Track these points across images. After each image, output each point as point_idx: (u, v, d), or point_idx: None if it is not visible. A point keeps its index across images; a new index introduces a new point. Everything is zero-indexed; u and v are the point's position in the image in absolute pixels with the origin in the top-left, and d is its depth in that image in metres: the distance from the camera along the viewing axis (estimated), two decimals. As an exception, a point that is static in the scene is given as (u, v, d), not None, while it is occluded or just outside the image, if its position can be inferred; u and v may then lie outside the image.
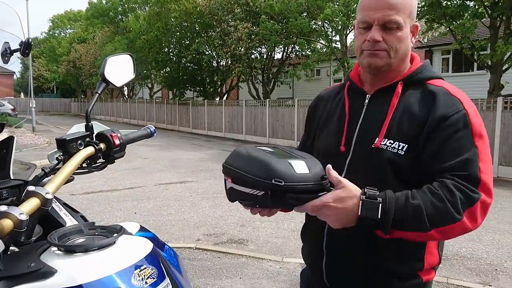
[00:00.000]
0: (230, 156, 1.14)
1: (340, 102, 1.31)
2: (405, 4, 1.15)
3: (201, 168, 9.91)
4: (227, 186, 1.11)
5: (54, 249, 0.95)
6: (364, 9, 1.17)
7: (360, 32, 1.19)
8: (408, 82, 1.20)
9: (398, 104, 1.17)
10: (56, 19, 51.18)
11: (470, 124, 1.09)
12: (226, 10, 17.94)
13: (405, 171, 1.12)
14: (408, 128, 1.13)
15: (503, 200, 6.85)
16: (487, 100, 9.71)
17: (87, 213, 5.83)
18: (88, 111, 1.24)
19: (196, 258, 4.22)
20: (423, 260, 1.17)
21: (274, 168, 1.01)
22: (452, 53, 17.59)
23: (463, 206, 1.00)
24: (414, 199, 1.01)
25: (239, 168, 1.06)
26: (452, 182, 1.03)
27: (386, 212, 0.99)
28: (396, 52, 1.16)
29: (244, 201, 1.08)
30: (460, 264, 4.14)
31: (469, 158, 1.05)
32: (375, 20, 1.14)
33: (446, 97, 1.13)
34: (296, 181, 1.01)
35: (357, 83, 1.29)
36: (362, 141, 1.19)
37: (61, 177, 1.05)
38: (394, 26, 1.14)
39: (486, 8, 10.63)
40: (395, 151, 1.12)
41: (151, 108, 26.55)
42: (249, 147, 1.13)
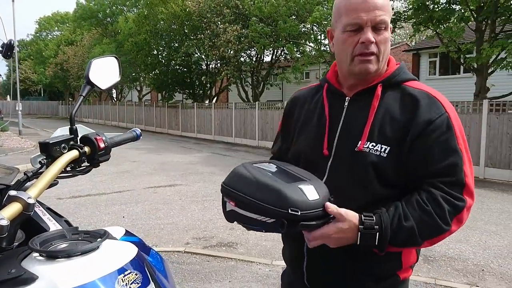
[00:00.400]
0: (231, 178, 1.10)
1: (318, 104, 1.30)
2: (389, 6, 1.16)
3: (191, 171, 9.87)
4: (227, 208, 1.08)
5: (35, 254, 0.93)
6: (352, 11, 1.13)
7: (349, 35, 1.15)
8: (387, 84, 1.20)
9: (379, 107, 1.17)
10: (43, 21, 50.62)
11: (452, 126, 1.12)
12: (215, 13, 17.93)
13: (388, 174, 1.13)
14: (391, 131, 1.14)
15: (489, 202, 6.94)
16: (473, 102, 9.85)
17: (74, 217, 5.73)
18: (72, 114, 1.22)
19: (185, 262, 4.19)
20: (400, 260, 1.19)
21: (289, 197, 0.99)
22: (439, 56, 17.80)
23: (451, 216, 1.08)
24: (407, 220, 1.07)
25: (248, 194, 1.03)
26: (441, 193, 1.08)
27: (383, 238, 1.06)
28: (383, 55, 1.17)
29: (247, 224, 1.06)
30: (447, 265, 4.17)
31: (455, 162, 1.09)
32: (367, 21, 1.12)
33: (428, 100, 1.15)
34: (310, 209, 1.01)
35: (335, 85, 1.28)
36: (343, 144, 1.19)
37: (44, 181, 1.03)
38: (383, 26, 1.14)
39: (472, 12, 10.79)
40: (378, 153, 1.13)
41: (140, 111, 26.39)
42: (250, 168, 1.10)
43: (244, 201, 1.03)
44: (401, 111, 1.15)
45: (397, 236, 1.07)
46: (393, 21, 12.19)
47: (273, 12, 15.03)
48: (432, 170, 1.09)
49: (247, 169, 1.09)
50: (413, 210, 1.08)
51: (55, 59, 39.28)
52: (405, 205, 1.09)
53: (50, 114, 46.19)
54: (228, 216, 1.10)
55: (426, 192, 1.09)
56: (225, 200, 1.09)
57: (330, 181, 1.17)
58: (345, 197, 1.10)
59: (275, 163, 1.18)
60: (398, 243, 1.08)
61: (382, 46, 1.15)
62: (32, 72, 48.85)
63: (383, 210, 1.09)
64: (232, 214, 1.07)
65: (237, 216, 1.07)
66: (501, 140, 8.98)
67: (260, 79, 19.80)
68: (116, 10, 30.67)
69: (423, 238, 1.08)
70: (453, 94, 15.70)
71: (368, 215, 1.07)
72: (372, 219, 1.06)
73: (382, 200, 1.13)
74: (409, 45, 22.72)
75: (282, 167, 1.15)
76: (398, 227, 1.06)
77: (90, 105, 34.83)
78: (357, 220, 1.06)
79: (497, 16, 10.47)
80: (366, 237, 1.06)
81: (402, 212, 1.08)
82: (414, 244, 1.09)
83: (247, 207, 1.03)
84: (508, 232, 5.25)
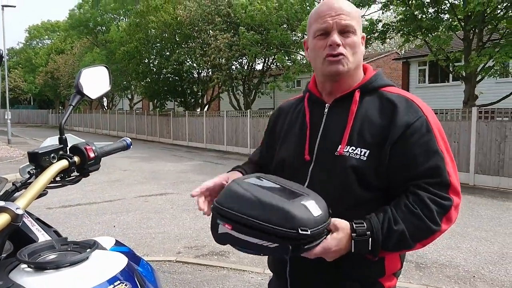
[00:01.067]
0: (226, 198, 1.02)
1: (300, 113, 1.34)
2: (355, 14, 1.22)
3: (182, 180, 9.82)
4: (219, 230, 1.00)
5: (24, 266, 0.92)
6: (319, 18, 1.21)
7: (319, 39, 1.21)
8: (364, 89, 1.24)
9: (357, 111, 1.21)
10: (33, 29, 50.37)
11: (431, 129, 1.15)
12: (206, 21, 18.00)
13: (368, 177, 1.15)
14: (369, 135, 1.17)
15: (479, 208, 7.00)
16: (462, 110, 9.97)
17: (64, 227, 5.66)
18: (62, 124, 1.21)
19: (176, 272, 4.15)
20: (383, 265, 1.20)
21: (297, 216, 0.94)
22: (428, 65, 18.04)
23: (440, 216, 1.10)
24: (397, 223, 1.09)
25: (250, 216, 0.95)
26: (427, 195, 1.10)
27: (375, 243, 1.08)
28: (353, 57, 1.21)
29: (244, 248, 1.00)
30: (439, 272, 4.19)
31: (438, 164, 1.12)
32: (333, 25, 1.18)
33: (406, 104, 1.18)
34: (316, 226, 0.97)
35: (316, 94, 1.32)
36: (324, 149, 1.22)
37: (33, 192, 1.02)
38: (350, 30, 1.19)
39: (460, 21, 10.97)
40: (358, 157, 1.16)
41: (131, 120, 26.28)
42: (245, 185, 1.03)
43: (245, 224, 0.96)
44: (380, 115, 1.18)
45: (388, 240, 1.08)
46: (382, 32, 12.45)
47: (264, 20, 15.14)
48: (416, 173, 1.12)
49: (243, 187, 1.03)
50: (402, 213, 1.10)
51: (45, 67, 39.08)
52: (394, 208, 1.11)
53: (40, 123, 45.77)
54: (220, 239, 1.02)
55: (412, 194, 1.11)
56: (218, 222, 1.01)
57: (311, 186, 1.19)
58: (327, 201, 1.11)
59: (264, 177, 1.13)
60: (390, 247, 1.10)
61: (350, 49, 1.20)
62: (22, 80, 48.47)
63: (372, 215, 1.11)
64: (226, 237, 1.00)
65: (231, 239, 0.99)
66: (490, 147, 9.09)
67: (251, 87, 19.86)
68: (107, 19, 30.67)
69: (414, 241, 1.09)
70: (442, 101, 15.90)
71: (359, 222, 1.09)
72: (363, 226, 1.08)
73: (364, 203, 1.15)
74: (398, 53, 23.01)
75: (274, 181, 1.11)
76: (388, 231, 1.08)
77: (80, 113, 34.60)
78: (349, 228, 1.08)
79: (484, 25, 10.66)
80: (360, 244, 1.07)
81: (391, 216, 1.10)
82: (406, 247, 1.11)
83: (246, 231, 0.96)
84: (498, 238, 5.29)
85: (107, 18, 30.76)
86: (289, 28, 16.23)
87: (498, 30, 10.88)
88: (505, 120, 9.08)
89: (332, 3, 1.21)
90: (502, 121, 9.08)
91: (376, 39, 12.73)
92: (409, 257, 4.47)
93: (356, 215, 1.12)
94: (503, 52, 9.56)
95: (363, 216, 1.12)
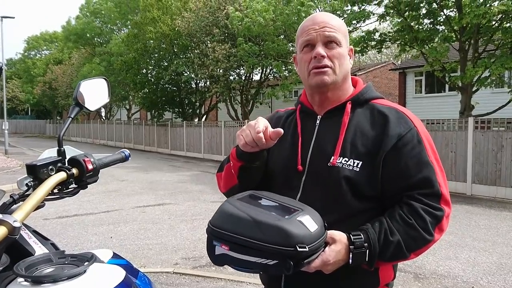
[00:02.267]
0: (221, 219, 1.00)
1: (291, 124, 1.35)
2: (340, 26, 1.25)
3: (180, 190, 9.79)
4: (216, 251, 0.99)
5: (20, 280, 0.91)
6: (305, 32, 1.24)
7: (305, 52, 1.24)
8: (356, 101, 1.26)
9: (349, 123, 1.22)
10: (32, 40, 50.55)
11: (422, 140, 1.18)
12: (204, 32, 18.11)
13: (362, 187, 1.16)
14: (362, 146, 1.18)
15: (477, 218, 7.00)
16: (458, 120, 10.02)
17: (61, 238, 5.61)
18: (60, 136, 1.21)
19: (174, 283, 4.12)
20: (378, 276, 1.20)
21: (294, 234, 0.93)
22: (424, 75, 18.17)
23: (433, 226, 1.12)
24: (393, 234, 1.10)
25: (247, 236, 0.94)
26: (421, 206, 1.12)
27: (372, 255, 1.09)
28: (339, 69, 1.23)
29: (242, 268, 0.99)
30: (437, 283, 4.17)
31: (429, 175, 1.14)
32: (318, 37, 1.21)
33: (397, 115, 1.21)
34: (313, 241, 0.97)
35: (308, 106, 1.33)
36: (316, 160, 1.23)
37: (31, 204, 1.02)
38: (335, 41, 1.22)
39: (455, 32, 11.08)
40: (351, 168, 1.17)
41: (129, 130, 26.26)
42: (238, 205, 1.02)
43: (242, 244, 0.95)
44: (372, 127, 1.20)
45: (385, 251, 1.09)
46: (379, 42, 12.57)
47: (261, 32, 15.24)
48: (408, 183, 1.14)
49: (236, 206, 1.01)
50: (397, 224, 1.11)
51: (43, 78, 39.14)
52: (388, 219, 1.13)
53: (37, 133, 45.67)
54: (218, 260, 1.00)
55: (406, 205, 1.13)
56: (215, 243, 0.99)
57: (304, 196, 1.20)
58: (321, 212, 1.11)
59: (257, 194, 1.13)
60: (387, 258, 1.11)
61: (336, 60, 1.22)
62: (20, 91, 48.50)
63: (368, 226, 1.12)
64: (223, 258, 0.99)
65: (229, 260, 0.98)
66: (487, 157, 9.12)
67: (249, 97, 19.92)
68: (105, 30, 30.82)
69: (409, 251, 1.11)
70: (439, 112, 15.98)
71: (356, 234, 1.09)
72: (360, 237, 1.08)
73: (358, 214, 1.16)
74: (395, 64, 23.18)
75: (268, 198, 1.10)
76: (385, 243, 1.09)
77: (78, 123, 34.57)
78: (346, 240, 1.08)
79: (480, 36, 10.77)
80: (358, 256, 1.08)
81: (387, 227, 1.11)
82: (402, 257, 1.12)
83: (244, 250, 0.95)
84: (496, 248, 5.28)
85: (105, 30, 30.91)
86: (286, 39, 16.34)
87: (494, 41, 10.99)
88: (501, 130, 9.13)
89: (317, 17, 1.25)
90: (499, 131, 9.13)
91: (373, 47, 12.85)
92: (407, 268, 4.46)
93: (349, 226, 1.13)
94: (498, 63, 9.65)
95: (357, 227, 1.13)
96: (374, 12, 12.32)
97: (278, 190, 1.24)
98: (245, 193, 1.12)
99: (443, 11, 11.18)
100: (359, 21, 12.36)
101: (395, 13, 11.76)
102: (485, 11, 9.12)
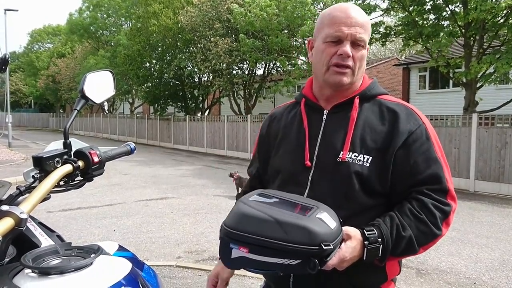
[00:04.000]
0: (239, 221, 0.96)
1: (296, 119, 1.32)
2: (368, 26, 1.22)
3: (183, 184, 9.81)
4: (233, 255, 0.95)
5: (28, 271, 0.91)
6: (335, 25, 1.18)
7: (329, 45, 1.19)
8: (363, 97, 1.25)
9: (358, 118, 1.21)
10: (35, 33, 50.54)
11: (430, 136, 1.18)
12: (207, 26, 18.05)
13: (371, 183, 1.16)
14: (371, 141, 1.18)
15: (479, 214, 6.99)
16: (462, 116, 9.97)
17: (64, 231, 5.63)
18: (66, 128, 1.21)
19: (176, 276, 4.14)
20: (385, 271, 1.21)
21: (318, 232, 0.92)
22: (428, 71, 18.07)
23: (441, 221, 1.14)
24: (405, 229, 1.11)
25: (270, 237, 0.91)
26: (431, 201, 1.13)
27: (385, 250, 1.09)
28: (359, 70, 1.22)
29: (261, 270, 0.96)
30: (440, 279, 4.17)
31: (438, 171, 1.15)
32: (348, 35, 1.17)
33: (406, 112, 1.21)
34: (335, 238, 0.96)
35: (313, 100, 1.31)
36: (325, 156, 1.21)
37: (37, 196, 1.02)
38: (362, 43, 1.19)
39: (460, 28, 11.00)
40: (361, 163, 1.16)
41: (132, 124, 26.30)
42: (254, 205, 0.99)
43: (263, 245, 0.92)
44: (381, 122, 1.20)
45: (397, 246, 1.10)
46: (384, 35, 12.50)
47: (264, 26, 15.17)
48: (418, 179, 1.14)
49: (253, 206, 0.97)
50: (409, 219, 1.12)
51: (47, 71, 39.17)
52: (399, 214, 1.13)
53: (40, 126, 45.79)
54: (234, 263, 0.95)
55: (416, 200, 1.14)
56: (231, 246, 0.95)
57: (312, 192, 1.19)
58: (330, 208, 1.10)
59: (268, 193, 1.09)
60: (398, 253, 1.11)
61: (358, 62, 1.20)
62: (23, 84, 48.58)
63: (380, 222, 1.11)
64: (241, 261, 0.94)
65: (247, 262, 0.94)
66: (491, 154, 9.08)
67: (252, 92, 19.88)
68: (109, 23, 30.76)
69: (419, 246, 1.12)
70: (442, 108, 15.91)
71: (370, 229, 1.09)
72: (374, 233, 1.08)
73: (367, 209, 1.16)
74: (399, 59, 23.07)
75: (280, 196, 1.07)
76: (397, 238, 1.10)
77: (81, 117, 34.63)
78: (360, 236, 1.07)
79: (485, 32, 10.68)
80: (371, 252, 1.07)
81: (399, 222, 1.11)
82: (412, 252, 1.13)
83: (265, 252, 0.92)
84: (499, 244, 5.28)
85: (109, 22, 30.85)
86: (290, 34, 16.27)
87: (499, 37, 10.90)
88: (505, 126, 9.08)
89: (350, 12, 1.19)
90: (503, 127, 9.08)
91: (377, 40, 12.78)
92: (410, 264, 4.46)
93: (358, 222, 1.12)
94: (504, 61, 9.55)
95: (366, 223, 1.12)
96: (380, 5, 12.22)
97: (284, 186, 1.23)
98: (255, 192, 1.08)
99: (448, 6, 11.09)
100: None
101: (399, 7, 11.67)
102: (492, 6, 9.02)
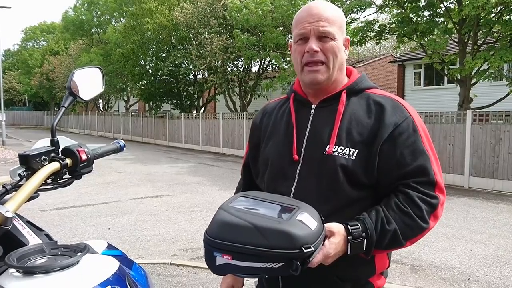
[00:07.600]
0: (220, 229, 0.96)
1: (285, 113, 1.34)
2: (336, 18, 1.22)
3: (178, 182, 9.79)
4: (217, 262, 0.96)
5: (12, 270, 0.90)
6: (299, 24, 1.22)
7: (299, 44, 1.22)
8: (351, 91, 1.25)
9: (345, 112, 1.22)
10: (29, 30, 50.18)
11: (417, 128, 1.18)
12: (202, 23, 17.98)
13: (358, 175, 1.16)
14: (357, 134, 1.18)
15: (474, 210, 7.03)
16: (457, 113, 10.01)
17: (58, 229, 5.61)
18: (53, 125, 1.20)
19: (171, 274, 4.13)
20: (373, 264, 1.22)
21: (297, 235, 0.92)
22: (423, 67, 18.12)
23: (428, 214, 1.13)
24: (390, 223, 1.11)
25: (251, 244, 0.92)
26: (417, 194, 1.13)
27: (369, 244, 1.10)
28: (333, 63, 1.21)
29: (247, 274, 0.97)
30: (434, 274, 4.19)
31: (425, 163, 1.15)
32: (311, 31, 1.19)
33: (392, 104, 1.21)
34: (316, 239, 0.97)
35: (302, 95, 1.32)
36: (312, 149, 1.22)
37: (23, 195, 1.01)
38: (329, 36, 1.19)
39: (455, 24, 11.03)
40: (347, 156, 1.17)
41: (127, 121, 26.20)
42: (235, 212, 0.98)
43: (246, 252, 0.92)
44: (367, 115, 1.20)
45: (382, 240, 1.10)
46: (378, 33, 12.50)
47: (259, 23, 15.14)
48: (404, 172, 1.14)
49: (233, 214, 0.97)
50: (394, 213, 1.12)
51: (40, 69, 38.92)
52: (385, 208, 1.13)
53: (35, 124, 45.55)
54: (220, 270, 0.97)
55: (402, 193, 1.14)
56: (215, 254, 0.95)
57: (300, 185, 1.20)
58: (316, 201, 1.11)
59: (250, 196, 1.09)
60: (383, 246, 1.11)
61: (330, 54, 1.20)
62: (17, 82, 48.23)
63: (365, 216, 1.12)
64: (226, 267, 0.96)
65: (232, 268, 0.95)
66: (485, 150, 9.13)
67: (247, 89, 19.85)
68: (103, 21, 30.57)
69: (405, 239, 1.12)
70: (437, 104, 15.96)
71: (353, 224, 1.09)
72: (358, 227, 1.08)
73: (354, 202, 1.17)
74: (394, 56, 23.10)
75: (262, 199, 1.07)
76: (382, 231, 1.10)
77: (76, 115, 34.47)
78: (344, 231, 1.08)
79: (479, 28, 10.72)
80: (356, 247, 1.08)
81: (384, 215, 1.12)
82: (398, 245, 1.13)
83: (248, 258, 0.93)
84: (493, 240, 5.31)
85: (103, 20, 30.66)
86: (285, 31, 16.24)
87: (493, 33, 10.94)
88: (500, 123, 9.12)
89: (311, 9, 1.21)
90: (497, 124, 9.13)
91: (371, 38, 12.78)
92: (404, 260, 4.47)
93: (345, 215, 1.13)
94: (498, 56, 9.61)
95: (353, 216, 1.13)
96: (375, 2, 12.20)
97: (272, 180, 1.25)
98: (236, 197, 1.09)
99: (442, 3, 11.11)
100: (359, 10, 12.22)
101: (394, 4, 11.68)
102: (483, 3, 9.06)
